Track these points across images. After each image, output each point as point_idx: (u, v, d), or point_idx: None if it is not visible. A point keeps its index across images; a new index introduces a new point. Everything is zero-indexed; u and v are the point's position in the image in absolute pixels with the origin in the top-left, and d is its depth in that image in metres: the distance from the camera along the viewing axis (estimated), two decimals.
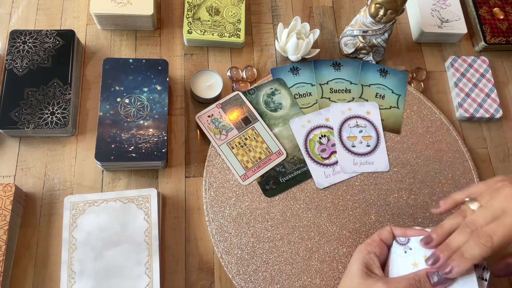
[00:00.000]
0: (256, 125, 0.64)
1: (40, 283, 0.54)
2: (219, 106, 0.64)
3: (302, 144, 0.64)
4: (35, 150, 0.61)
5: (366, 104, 0.68)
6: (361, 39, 0.68)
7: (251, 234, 0.58)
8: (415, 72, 0.73)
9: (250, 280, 0.56)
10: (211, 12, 0.70)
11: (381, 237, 0.51)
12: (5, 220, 0.53)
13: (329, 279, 0.57)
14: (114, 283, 0.52)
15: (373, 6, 0.62)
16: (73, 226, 0.55)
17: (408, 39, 0.76)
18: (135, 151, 0.58)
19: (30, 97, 0.59)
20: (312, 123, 0.66)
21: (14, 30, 0.62)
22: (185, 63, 0.69)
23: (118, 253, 0.54)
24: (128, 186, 0.60)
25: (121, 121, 0.59)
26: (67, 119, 0.59)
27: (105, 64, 0.62)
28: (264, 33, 0.73)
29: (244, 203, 0.60)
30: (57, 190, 0.59)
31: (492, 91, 0.71)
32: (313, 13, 0.76)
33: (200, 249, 0.59)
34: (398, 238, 0.50)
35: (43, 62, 0.61)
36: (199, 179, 0.62)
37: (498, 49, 0.77)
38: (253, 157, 0.62)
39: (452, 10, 0.76)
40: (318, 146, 0.64)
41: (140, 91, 0.61)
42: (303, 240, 0.59)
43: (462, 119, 0.71)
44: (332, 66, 0.70)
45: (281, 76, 0.68)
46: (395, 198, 0.63)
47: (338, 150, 0.64)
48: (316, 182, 0.62)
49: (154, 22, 0.69)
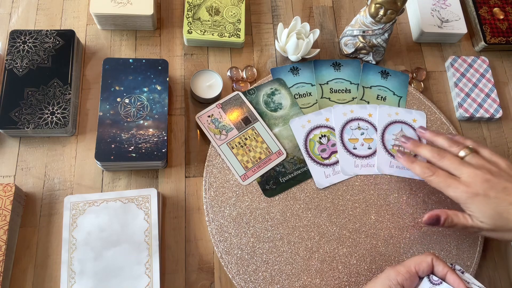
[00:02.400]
0: (256, 125, 0.64)
1: (40, 283, 0.55)
2: (219, 106, 0.64)
3: (302, 144, 0.64)
4: (35, 150, 0.61)
5: (368, 106, 0.68)
6: (361, 39, 0.68)
7: (251, 234, 0.58)
8: (415, 72, 0.73)
9: (250, 280, 0.56)
10: (211, 12, 0.70)
11: (418, 269, 0.46)
12: (5, 220, 0.53)
13: (329, 279, 0.57)
14: (114, 283, 0.52)
15: (373, 6, 0.62)
16: (73, 226, 0.55)
17: (408, 39, 0.76)
18: (135, 151, 0.58)
19: (30, 97, 0.59)
20: (312, 123, 0.66)
21: (14, 30, 0.62)
22: (185, 63, 0.69)
23: (118, 253, 0.54)
24: (128, 186, 0.60)
25: (121, 121, 0.59)
26: (67, 119, 0.59)
27: (105, 64, 0.62)
28: (264, 33, 0.73)
29: (244, 203, 0.60)
30: (57, 190, 0.59)
31: (492, 91, 0.71)
32: (313, 13, 0.76)
33: (200, 249, 0.59)
34: (432, 276, 0.46)
35: (43, 62, 0.61)
36: (199, 179, 0.62)
37: (498, 49, 0.77)
38: (253, 157, 0.62)
39: (452, 10, 0.76)
40: (318, 146, 0.64)
41: (140, 91, 0.61)
42: (303, 240, 0.59)
43: (462, 119, 0.71)
44: (332, 66, 0.70)
45: (281, 76, 0.68)
46: (395, 198, 0.63)
47: (339, 152, 0.64)
48: (316, 182, 0.62)
49: (154, 22, 0.69)
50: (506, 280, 0.62)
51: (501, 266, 0.63)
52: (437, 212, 0.53)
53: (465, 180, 0.52)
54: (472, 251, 0.61)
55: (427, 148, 0.57)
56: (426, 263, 0.46)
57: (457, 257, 0.60)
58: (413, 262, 0.46)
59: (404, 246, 0.60)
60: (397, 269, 0.46)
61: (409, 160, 0.57)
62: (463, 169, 0.53)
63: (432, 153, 0.55)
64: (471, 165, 0.53)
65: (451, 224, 0.53)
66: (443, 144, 0.57)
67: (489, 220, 0.51)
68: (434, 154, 0.55)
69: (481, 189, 0.51)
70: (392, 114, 0.67)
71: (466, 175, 0.52)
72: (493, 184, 0.51)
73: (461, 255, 0.61)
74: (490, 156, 0.55)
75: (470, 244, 0.61)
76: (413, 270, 0.46)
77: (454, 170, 0.53)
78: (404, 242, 0.60)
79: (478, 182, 0.51)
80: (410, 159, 0.57)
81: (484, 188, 0.51)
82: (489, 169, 0.52)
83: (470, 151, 0.55)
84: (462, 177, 0.52)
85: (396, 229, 0.61)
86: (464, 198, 0.51)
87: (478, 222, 0.52)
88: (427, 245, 0.60)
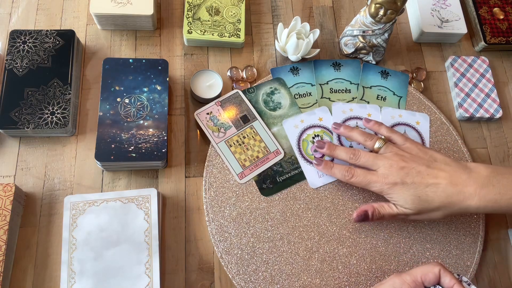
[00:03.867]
0: (255, 123, 0.64)
1: (40, 283, 0.55)
2: (218, 104, 0.64)
3: (295, 144, 0.64)
4: (35, 150, 0.61)
5: (368, 106, 0.68)
6: (361, 39, 0.68)
7: (251, 234, 0.58)
8: (415, 72, 0.73)
9: (250, 280, 0.56)
10: (211, 12, 0.70)
11: (424, 279, 0.46)
12: (5, 220, 0.53)
13: (329, 279, 0.57)
14: (114, 283, 0.52)
15: (373, 6, 0.62)
16: (73, 226, 0.55)
17: (408, 39, 0.76)
18: (135, 151, 0.58)
19: (30, 97, 0.59)
20: (306, 123, 0.65)
21: (14, 30, 0.63)
22: (185, 63, 0.69)
23: (118, 253, 0.54)
24: (128, 186, 0.60)
25: (121, 121, 0.59)
26: (67, 119, 0.59)
27: (105, 64, 0.62)
28: (264, 33, 0.73)
29: (244, 203, 0.60)
30: (57, 190, 0.59)
31: (492, 91, 0.71)
32: (313, 13, 0.76)
33: (200, 249, 0.59)
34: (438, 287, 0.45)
35: (43, 62, 0.61)
36: (199, 179, 0.62)
37: (498, 49, 0.77)
38: (250, 155, 0.62)
39: (452, 10, 0.76)
40: (312, 146, 0.64)
41: (140, 91, 0.61)
42: (303, 240, 0.59)
43: (462, 119, 0.71)
44: (332, 66, 0.70)
45: (281, 76, 0.68)
46: None
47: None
48: (310, 182, 0.62)
49: (154, 22, 0.69)
50: (506, 280, 0.62)
51: (501, 266, 0.63)
52: (364, 208, 0.56)
53: (382, 172, 0.54)
54: (472, 251, 0.61)
55: (343, 150, 0.58)
56: (433, 274, 0.45)
57: (457, 257, 0.60)
58: (420, 272, 0.46)
59: (404, 246, 0.60)
60: (403, 278, 0.46)
61: (327, 167, 0.59)
62: (379, 162, 0.55)
63: (348, 154, 0.57)
64: (385, 157, 0.55)
65: (379, 216, 0.55)
66: (358, 138, 0.59)
67: (412, 205, 0.53)
68: (350, 155, 0.57)
69: (398, 177, 0.53)
70: (396, 116, 0.67)
71: (382, 167, 0.54)
72: (408, 170, 0.53)
73: (461, 255, 0.61)
74: (403, 142, 0.57)
75: (470, 244, 0.61)
76: (419, 280, 0.46)
77: (371, 166, 0.56)
78: (404, 242, 0.60)
79: (394, 172, 0.53)
80: (328, 165, 0.59)
81: (400, 176, 0.53)
82: (402, 156, 0.55)
83: (383, 141, 0.57)
84: (379, 170, 0.54)
85: (396, 229, 0.61)
86: (386, 190, 0.54)
87: (403, 209, 0.54)
88: (427, 245, 0.60)
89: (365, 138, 0.58)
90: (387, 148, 0.56)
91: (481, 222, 0.63)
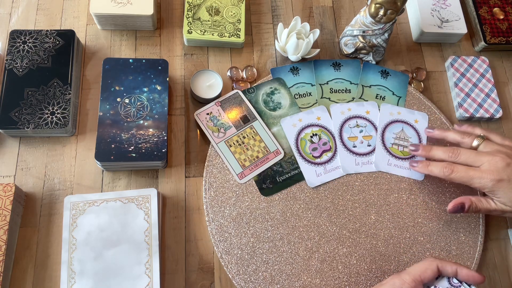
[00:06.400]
0: (255, 123, 0.64)
1: (40, 283, 0.55)
2: (218, 104, 0.64)
3: (293, 143, 0.64)
4: (35, 150, 0.61)
5: (365, 103, 0.68)
6: (361, 39, 0.68)
7: (251, 234, 0.58)
8: (415, 72, 0.73)
9: (250, 280, 0.56)
10: (211, 12, 0.70)
11: (424, 277, 0.46)
12: (5, 220, 0.53)
13: (329, 279, 0.57)
14: (114, 283, 0.52)
15: (373, 6, 0.62)
16: (73, 226, 0.55)
17: (408, 39, 0.76)
18: (135, 151, 0.58)
19: (30, 97, 0.59)
20: (304, 122, 0.65)
21: (14, 30, 0.62)
22: (185, 63, 0.69)
23: (118, 253, 0.54)
24: (128, 186, 0.60)
25: (121, 121, 0.59)
26: (67, 119, 0.59)
27: (105, 64, 0.62)
28: (264, 33, 0.73)
29: (244, 203, 0.60)
30: (57, 190, 0.59)
31: (492, 91, 0.71)
32: (313, 13, 0.76)
33: (200, 249, 0.59)
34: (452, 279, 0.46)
35: (43, 62, 0.61)
36: (199, 179, 0.62)
37: (498, 49, 0.77)
38: (250, 155, 0.62)
39: (452, 10, 0.76)
40: (310, 145, 0.64)
41: (140, 91, 0.61)
42: (303, 240, 0.59)
43: (462, 119, 0.71)
44: (332, 66, 0.70)
45: (281, 76, 0.68)
46: (395, 198, 0.63)
47: (339, 151, 0.64)
48: (308, 181, 0.62)
49: (154, 22, 0.69)
50: (506, 280, 0.62)
51: (501, 266, 0.63)
52: (461, 199, 0.55)
53: (486, 168, 0.53)
54: (472, 251, 0.61)
55: (440, 150, 0.57)
56: (431, 271, 0.46)
57: (457, 257, 0.60)
58: (418, 270, 0.46)
59: (404, 246, 0.60)
60: (402, 277, 0.46)
61: (424, 165, 0.58)
62: (482, 158, 0.54)
63: (447, 153, 0.56)
64: (487, 153, 0.54)
65: (476, 210, 0.55)
66: (455, 137, 0.58)
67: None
68: (449, 153, 0.56)
69: (505, 174, 0.52)
70: (394, 113, 0.67)
71: (487, 163, 0.53)
72: None
73: (461, 255, 0.61)
74: (502, 141, 0.56)
75: (470, 244, 0.61)
76: (419, 278, 0.46)
77: (473, 162, 0.54)
78: (404, 242, 0.60)
79: (499, 168, 0.52)
80: (425, 164, 0.58)
81: (507, 173, 0.52)
82: (506, 153, 0.53)
83: (482, 139, 0.56)
84: (482, 166, 0.53)
85: (396, 229, 0.61)
86: (490, 186, 0.52)
87: (502, 206, 0.53)
88: (427, 245, 0.60)
89: (463, 136, 0.58)
90: (487, 146, 0.55)
91: (481, 222, 0.63)
